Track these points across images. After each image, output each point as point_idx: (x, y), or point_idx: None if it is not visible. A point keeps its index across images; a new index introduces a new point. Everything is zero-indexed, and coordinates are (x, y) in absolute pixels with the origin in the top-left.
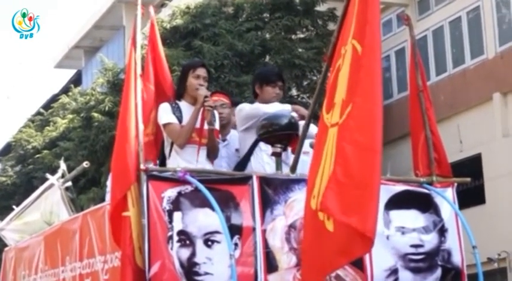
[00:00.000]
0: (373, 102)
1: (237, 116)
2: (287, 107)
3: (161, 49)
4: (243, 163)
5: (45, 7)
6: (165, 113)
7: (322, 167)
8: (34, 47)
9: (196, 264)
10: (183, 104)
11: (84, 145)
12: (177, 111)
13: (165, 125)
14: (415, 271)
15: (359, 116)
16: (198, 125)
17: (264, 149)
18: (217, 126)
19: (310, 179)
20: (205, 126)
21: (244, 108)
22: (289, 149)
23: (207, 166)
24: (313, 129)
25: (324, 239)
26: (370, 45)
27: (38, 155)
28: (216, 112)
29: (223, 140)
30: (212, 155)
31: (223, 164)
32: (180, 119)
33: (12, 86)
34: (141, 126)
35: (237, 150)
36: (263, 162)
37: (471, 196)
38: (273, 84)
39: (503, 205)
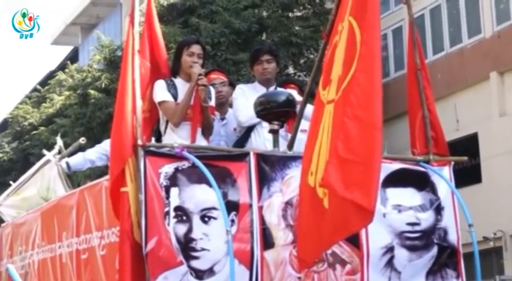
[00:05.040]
0: (374, 78)
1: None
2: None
3: (157, 26)
4: (243, 139)
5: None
6: (160, 91)
7: (319, 143)
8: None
9: (192, 240)
10: (178, 81)
11: (80, 122)
12: (172, 89)
13: (160, 103)
14: (411, 249)
15: (360, 91)
16: (192, 102)
17: (265, 126)
18: (212, 103)
19: (306, 157)
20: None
21: (235, 101)
22: (286, 126)
23: (202, 142)
24: (310, 109)
25: (321, 216)
26: (370, 20)
27: (34, 132)
28: (212, 89)
29: (222, 119)
30: (207, 132)
31: (222, 143)
32: (175, 97)
33: None
34: (139, 102)
35: (235, 129)
36: (264, 139)
37: (467, 175)
38: (258, 61)
39: (499, 184)
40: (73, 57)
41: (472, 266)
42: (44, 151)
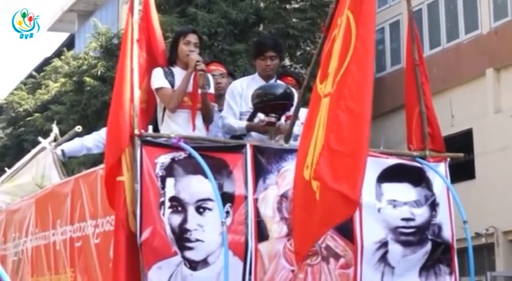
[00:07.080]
0: (366, 71)
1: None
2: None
3: (155, 17)
4: None
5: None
6: (157, 78)
7: (315, 137)
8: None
9: (187, 230)
10: (176, 70)
11: (75, 109)
12: (170, 76)
13: (157, 89)
14: (405, 244)
15: (353, 84)
16: (190, 89)
17: (263, 119)
18: (212, 90)
19: (301, 150)
20: (199, 91)
21: (226, 106)
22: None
23: (202, 130)
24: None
25: (313, 209)
26: (366, 14)
27: (29, 118)
28: (210, 77)
29: (220, 111)
30: (207, 118)
31: (219, 135)
32: (172, 84)
33: None
34: (136, 92)
35: None
36: None
37: (461, 170)
38: (262, 56)
39: (492, 181)
40: (69, 44)
41: (464, 261)
42: (40, 138)
